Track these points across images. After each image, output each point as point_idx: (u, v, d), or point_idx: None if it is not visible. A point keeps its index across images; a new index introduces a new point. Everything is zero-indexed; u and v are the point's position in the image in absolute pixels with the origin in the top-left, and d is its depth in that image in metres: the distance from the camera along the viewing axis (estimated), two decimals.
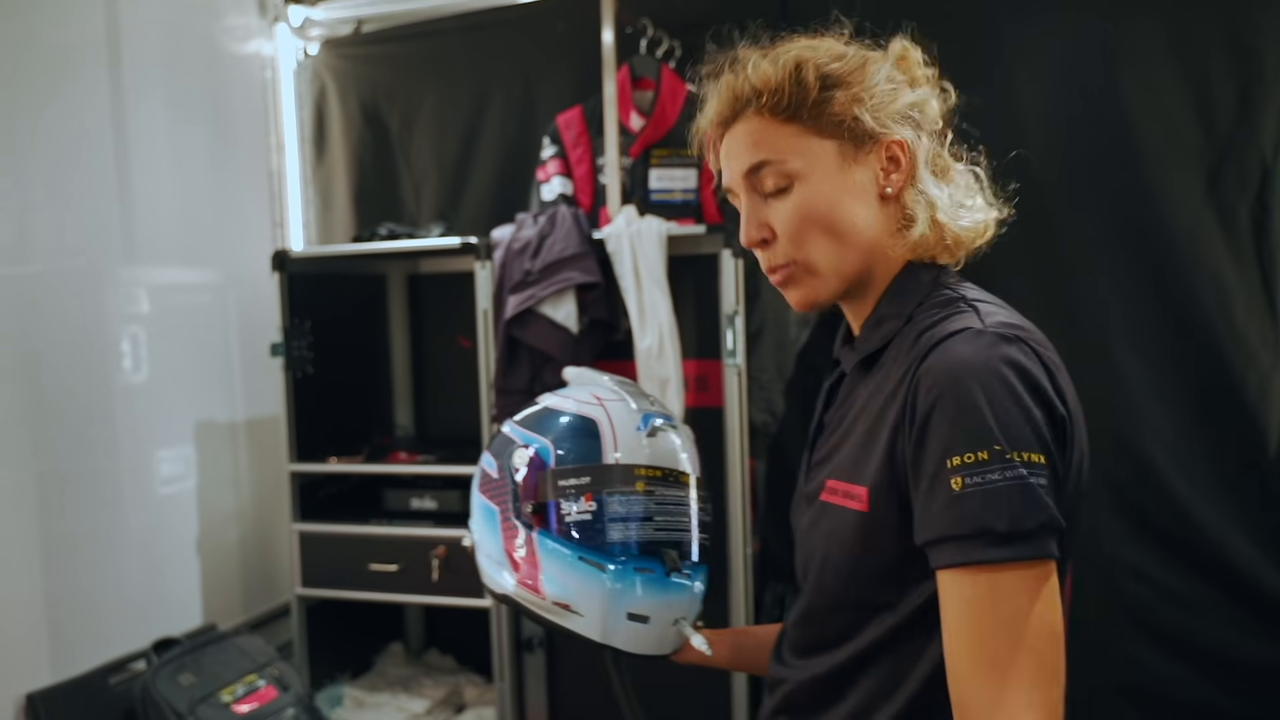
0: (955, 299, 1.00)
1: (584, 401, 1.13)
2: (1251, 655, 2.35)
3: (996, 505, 0.83)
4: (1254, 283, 2.34)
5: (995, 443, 0.84)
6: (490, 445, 1.17)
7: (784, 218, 1.01)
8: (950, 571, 0.86)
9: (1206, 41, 2.34)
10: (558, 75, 2.87)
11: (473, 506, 1.17)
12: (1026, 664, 0.83)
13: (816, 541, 1.02)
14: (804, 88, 1.01)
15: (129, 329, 2.55)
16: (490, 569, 1.14)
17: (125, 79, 2.53)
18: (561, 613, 1.07)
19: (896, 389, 0.94)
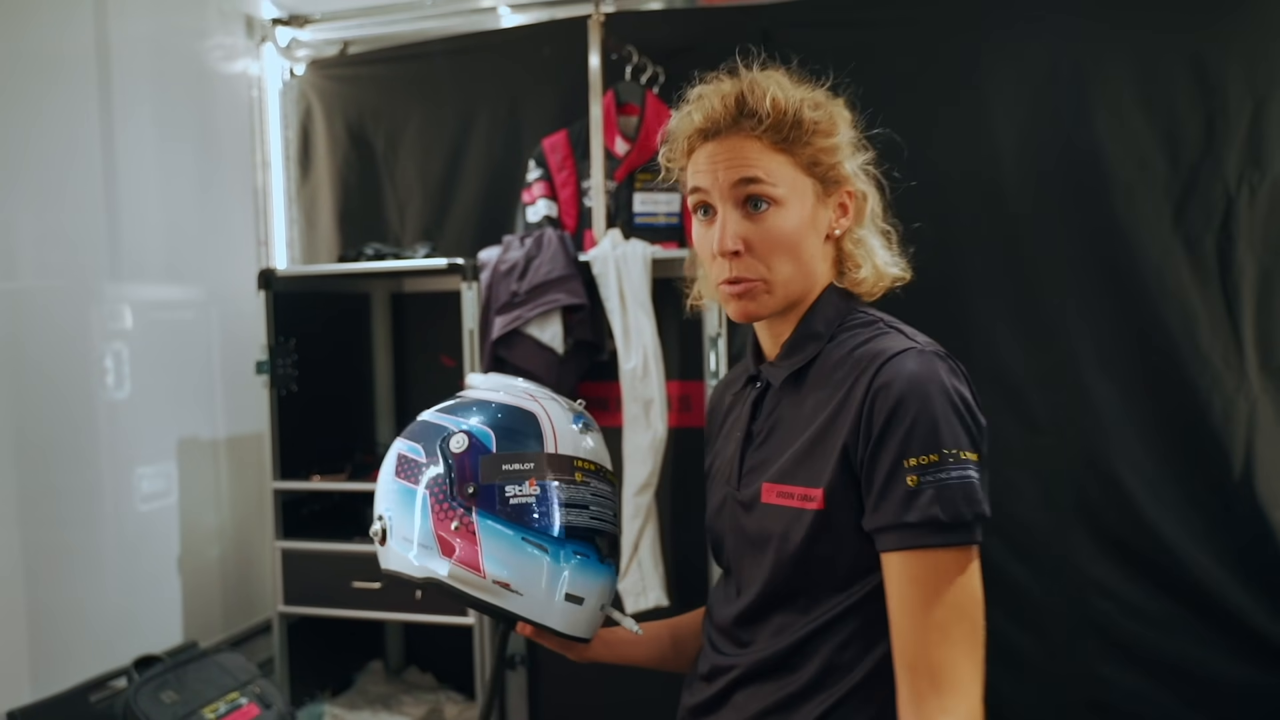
0: (873, 321, 1.15)
1: (518, 396, 1.18)
2: (1217, 672, 2.42)
3: (943, 500, 0.99)
4: (1218, 309, 2.42)
5: (944, 446, 1.00)
6: (407, 432, 1.19)
7: (761, 236, 1.09)
8: (900, 554, 1.01)
9: (1173, 76, 2.42)
10: (543, 99, 2.92)
11: (384, 493, 1.17)
12: (964, 630, 1.01)
13: (758, 541, 1.12)
14: (802, 127, 1.10)
15: (112, 345, 2.55)
16: (407, 552, 1.13)
17: (113, 96, 2.55)
18: (500, 592, 1.10)
19: (846, 400, 1.06)
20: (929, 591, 1.00)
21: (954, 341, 2.66)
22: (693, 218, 1.17)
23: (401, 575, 1.15)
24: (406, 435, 1.19)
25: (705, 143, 1.13)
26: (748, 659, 1.14)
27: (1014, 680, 2.58)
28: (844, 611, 1.08)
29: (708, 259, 1.14)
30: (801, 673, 1.09)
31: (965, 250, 2.58)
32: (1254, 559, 2.40)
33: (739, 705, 1.14)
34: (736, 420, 1.23)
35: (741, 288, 1.11)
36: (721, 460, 1.25)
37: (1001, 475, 2.57)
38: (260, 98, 3.10)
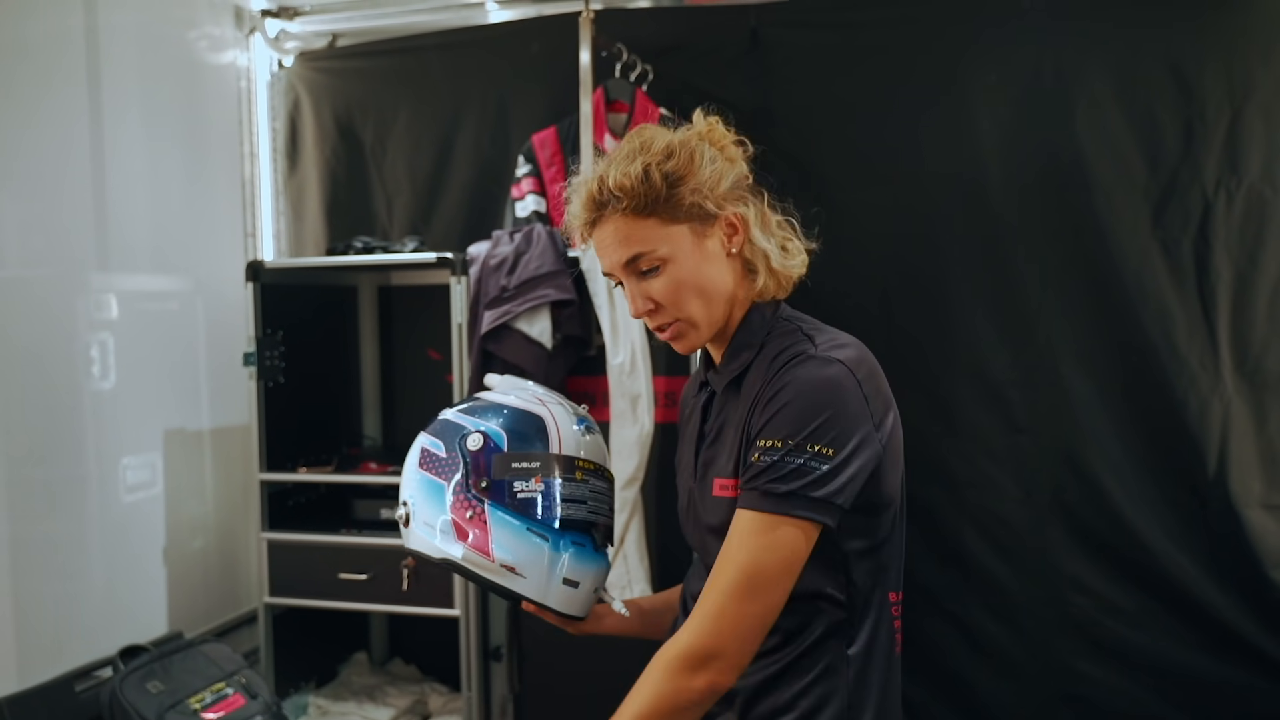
0: (794, 329, 1.27)
1: (528, 400, 1.34)
2: (1190, 667, 2.48)
3: (775, 476, 1.14)
4: (1195, 311, 2.47)
5: (791, 436, 1.14)
6: (431, 428, 1.34)
7: (663, 291, 1.23)
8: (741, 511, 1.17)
9: (1153, 81, 2.47)
10: (531, 95, 2.93)
11: (409, 481, 1.33)
12: (741, 583, 1.14)
13: (719, 530, 1.23)
14: (654, 188, 1.20)
15: (98, 335, 2.55)
16: (429, 535, 1.29)
17: (102, 86, 2.54)
18: (507, 575, 1.27)
19: (756, 398, 1.22)
20: (730, 545, 1.16)
21: (935, 339, 2.74)
22: None
23: (423, 555, 1.31)
24: (431, 431, 1.34)
25: (592, 230, 1.26)
26: None
27: (990, 674, 2.63)
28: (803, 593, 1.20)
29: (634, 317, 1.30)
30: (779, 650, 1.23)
31: (947, 249, 2.62)
32: (1227, 556, 2.45)
33: None
34: (692, 421, 1.37)
35: (670, 332, 1.27)
36: (683, 459, 1.39)
37: (980, 472, 2.62)
38: (248, 89, 3.09)
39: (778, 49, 2.73)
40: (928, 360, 2.64)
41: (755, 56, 2.74)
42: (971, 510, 2.64)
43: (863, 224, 2.61)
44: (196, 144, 2.93)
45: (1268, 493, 2.44)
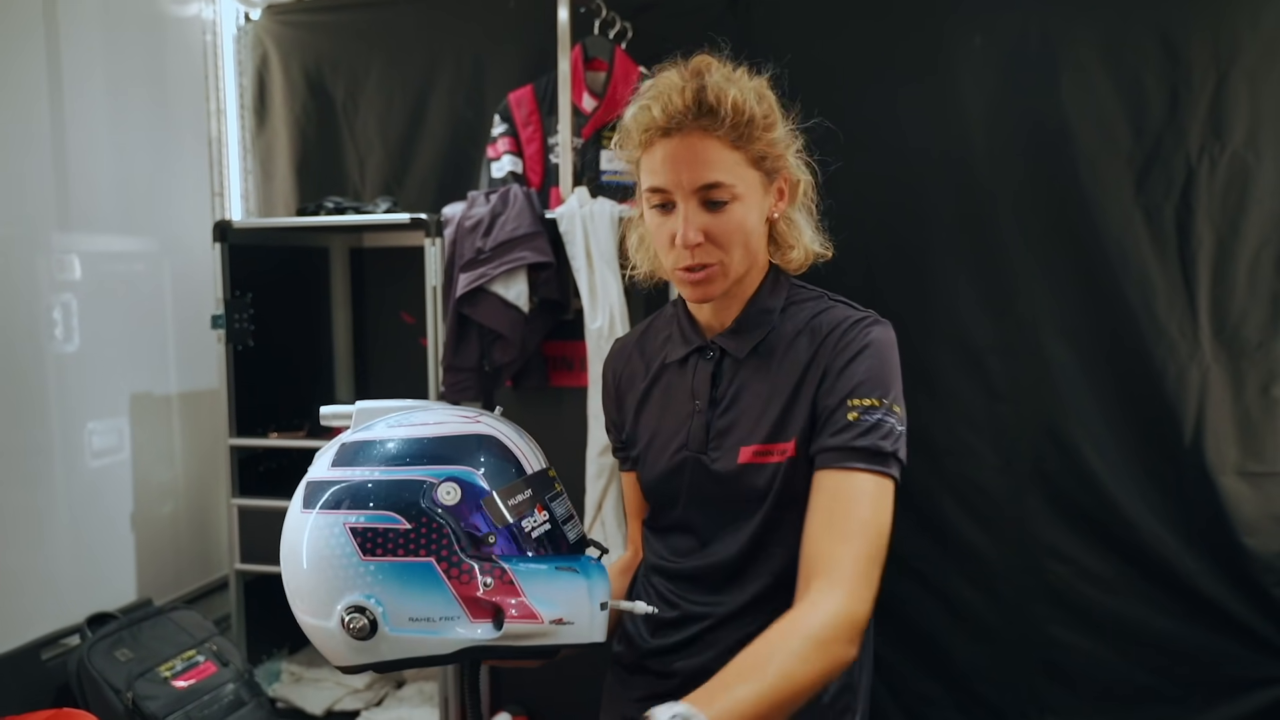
0: (818, 295, 1.28)
1: (458, 420, 1.08)
2: (1165, 633, 2.49)
3: (873, 434, 1.13)
4: (1175, 278, 2.46)
5: (885, 395, 1.16)
6: (333, 505, 1.01)
7: (722, 229, 1.17)
8: (829, 471, 1.14)
9: (1140, 46, 2.44)
10: (508, 53, 2.86)
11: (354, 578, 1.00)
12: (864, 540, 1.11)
13: (738, 499, 1.21)
14: (754, 125, 1.16)
15: (61, 297, 2.48)
16: (429, 632, 1.00)
17: (60, 39, 2.45)
18: (556, 630, 1.03)
19: (814, 359, 1.19)
20: (843, 504, 1.12)
21: (916, 307, 2.72)
22: (647, 207, 1.20)
23: (417, 660, 1.02)
24: (354, 505, 1.01)
25: (664, 139, 1.15)
26: (731, 603, 1.23)
27: (968, 641, 2.64)
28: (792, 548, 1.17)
29: (664, 246, 1.20)
30: (779, 606, 1.14)
31: (930, 216, 2.60)
32: (1202, 523, 2.46)
33: (714, 641, 1.24)
34: (679, 389, 1.29)
35: (705, 273, 1.18)
36: (665, 427, 1.29)
37: (960, 440, 2.62)
38: (214, 43, 3.00)
39: (760, 8, 2.68)
40: (908, 328, 2.55)
41: (737, 15, 2.69)
42: (950, 478, 2.63)
43: (845, 191, 2.55)
44: (161, 100, 2.85)
45: (1243, 459, 2.45)
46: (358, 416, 1.11)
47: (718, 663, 1.17)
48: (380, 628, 1.00)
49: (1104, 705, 2.56)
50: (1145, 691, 2.52)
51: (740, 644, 1.16)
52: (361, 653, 1.02)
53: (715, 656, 1.21)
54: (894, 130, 2.61)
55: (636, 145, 1.19)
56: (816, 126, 1.30)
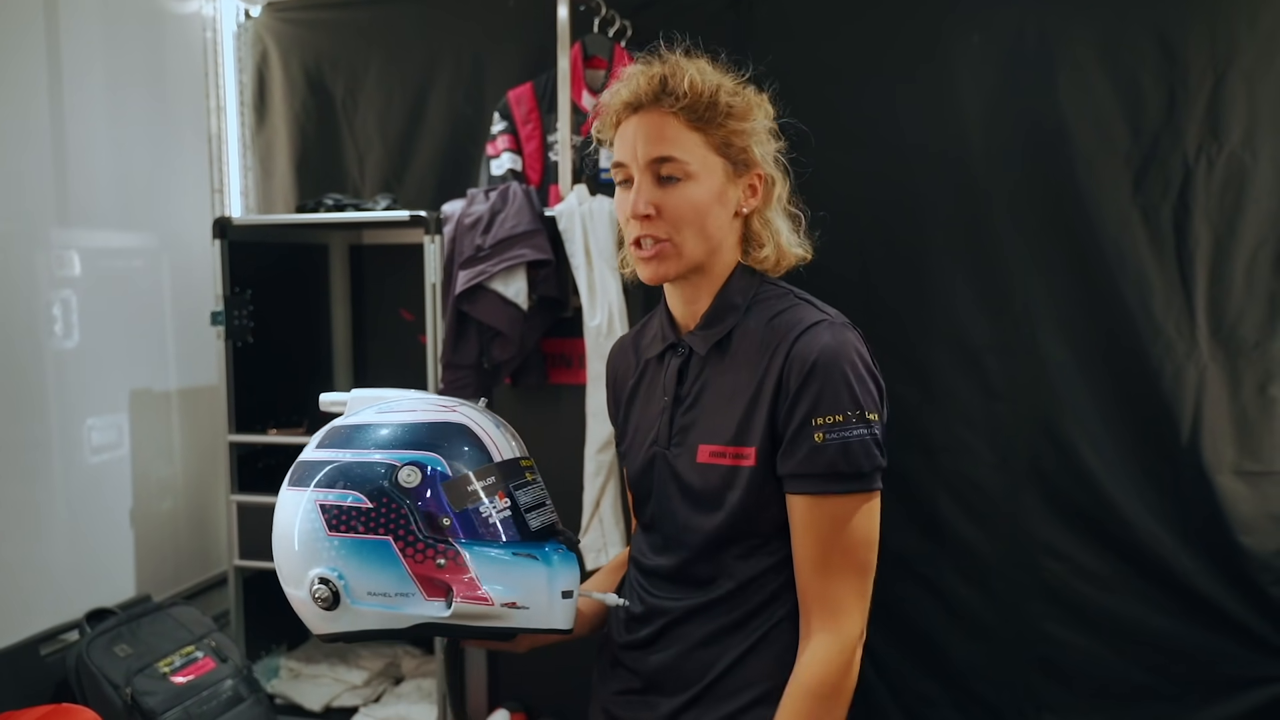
0: (784, 293, 1.27)
1: (434, 408, 1.14)
2: (1162, 631, 2.50)
3: (846, 454, 1.13)
4: (1173, 278, 2.47)
5: (848, 409, 1.14)
6: (313, 483, 1.10)
7: (673, 204, 1.19)
8: (804, 498, 1.16)
9: (1137, 46, 2.44)
10: (507, 51, 2.86)
11: (319, 552, 1.08)
12: (852, 566, 1.16)
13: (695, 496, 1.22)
14: (716, 109, 1.19)
15: (60, 293, 2.48)
16: (385, 606, 1.07)
17: (60, 35, 2.45)
18: (509, 613, 1.08)
19: (769, 367, 1.18)
20: (825, 533, 1.15)
21: (913, 306, 2.73)
22: (616, 186, 1.24)
23: (376, 632, 1.09)
24: (314, 484, 1.10)
25: (630, 115, 1.21)
26: (689, 601, 1.24)
27: (964, 638, 2.65)
28: (784, 557, 1.20)
29: (623, 222, 1.23)
30: (739, 609, 1.21)
31: (927, 215, 2.60)
32: (1199, 522, 2.47)
33: (677, 638, 1.25)
34: (656, 385, 1.31)
35: (656, 249, 1.20)
36: (644, 421, 1.32)
37: (957, 438, 2.63)
38: (214, 39, 3.00)
39: (760, 5, 2.68)
40: (905, 326, 2.62)
41: (737, 13, 2.70)
42: (947, 476, 2.64)
43: (843, 190, 2.58)
44: (161, 96, 2.85)
45: (1239, 459, 2.45)
46: (351, 404, 1.17)
47: (682, 660, 1.23)
48: (342, 599, 1.07)
49: (1100, 703, 2.57)
50: (1141, 689, 2.53)
51: (702, 642, 1.22)
52: (328, 622, 1.10)
53: (679, 654, 1.24)
54: (892, 128, 2.62)
55: (610, 125, 1.24)
56: (815, 126, 1.32)
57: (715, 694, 1.22)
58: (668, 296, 1.31)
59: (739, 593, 1.22)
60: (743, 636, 1.22)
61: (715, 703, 1.22)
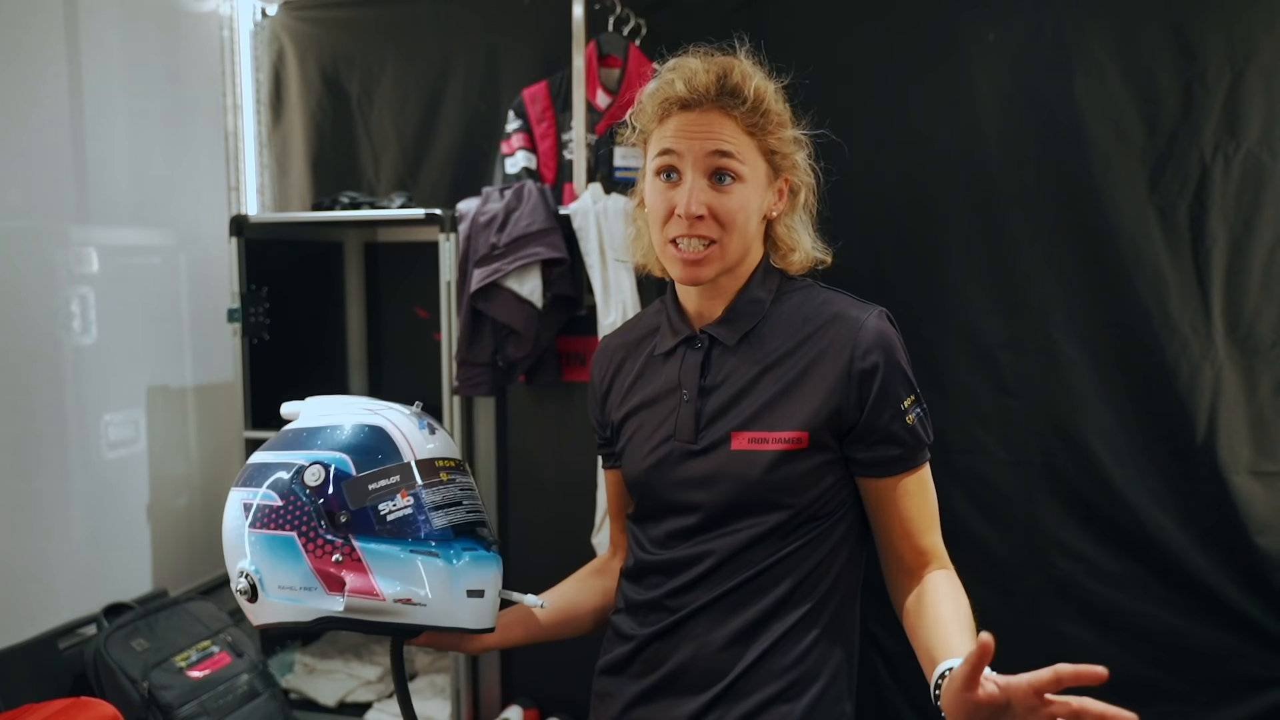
0: (809, 285, 1.31)
1: (358, 413, 1.18)
2: (1175, 630, 2.49)
3: (924, 426, 1.24)
4: (1189, 276, 2.45)
5: (915, 388, 1.23)
6: (245, 483, 1.16)
7: (725, 206, 1.19)
8: (908, 475, 1.24)
9: (1155, 43, 2.43)
10: (522, 49, 2.87)
11: (241, 548, 1.14)
12: (937, 519, 1.29)
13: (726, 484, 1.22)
14: (769, 117, 1.21)
15: (78, 290, 2.50)
16: (291, 599, 1.11)
17: (80, 34, 2.47)
18: (402, 609, 1.11)
19: (819, 356, 1.22)
20: (923, 496, 1.25)
21: (928, 303, 2.72)
22: (652, 178, 1.23)
23: (286, 625, 1.13)
24: (246, 484, 1.15)
25: (682, 111, 1.20)
26: (708, 595, 1.24)
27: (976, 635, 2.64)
28: (808, 541, 1.23)
29: (661, 218, 1.22)
30: (765, 599, 1.22)
31: (941, 212, 2.60)
32: (1213, 522, 2.46)
33: (697, 633, 1.24)
34: (664, 381, 1.30)
35: (703, 253, 1.21)
36: (651, 418, 1.31)
37: (970, 436, 2.62)
38: (231, 38, 3.02)
39: (774, 4, 2.68)
40: (920, 324, 2.62)
41: (752, 11, 2.70)
42: (960, 474, 2.63)
43: (857, 187, 2.58)
44: (178, 95, 2.87)
45: (1256, 459, 2.44)
46: (304, 411, 1.21)
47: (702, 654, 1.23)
48: (259, 592, 1.13)
49: (1113, 702, 2.50)
50: (1154, 688, 2.51)
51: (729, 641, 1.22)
52: (253, 614, 1.15)
53: (698, 648, 1.23)
54: (906, 126, 2.61)
55: (652, 117, 1.23)
56: (829, 130, 1.33)
57: (738, 690, 1.22)
58: (681, 292, 1.31)
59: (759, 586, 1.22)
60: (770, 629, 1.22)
61: (738, 699, 1.22)
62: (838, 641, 1.27)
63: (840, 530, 1.26)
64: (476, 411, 2.66)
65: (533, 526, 2.64)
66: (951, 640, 1.14)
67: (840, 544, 1.26)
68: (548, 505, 2.62)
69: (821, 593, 1.24)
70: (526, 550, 2.62)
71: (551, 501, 2.62)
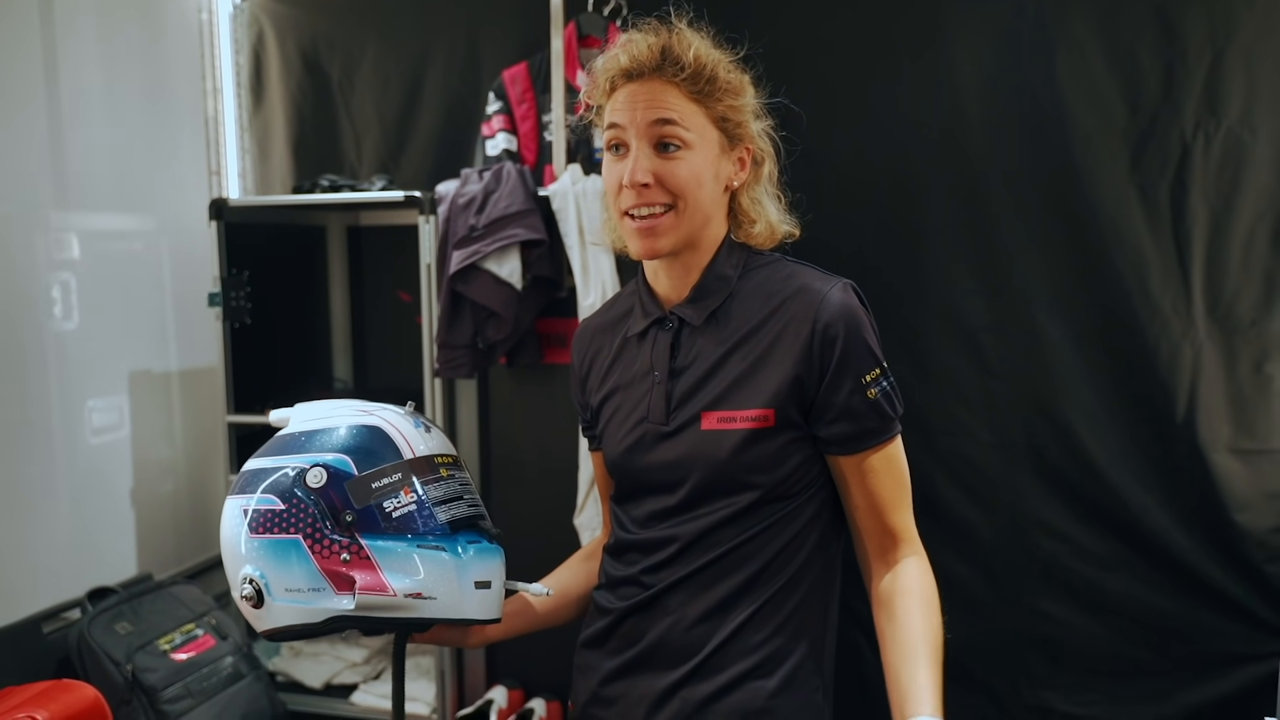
0: (776, 260, 1.31)
1: (353, 414, 1.20)
2: (1157, 608, 2.50)
3: (889, 400, 1.23)
4: (1169, 255, 2.45)
5: (881, 362, 1.23)
6: (242, 489, 1.17)
7: (671, 173, 1.20)
8: (873, 451, 1.23)
9: (1136, 21, 2.42)
10: (503, 30, 2.85)
11: (244, 554, 1.15)
12: (908, 496, 1.29)
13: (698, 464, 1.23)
14: (715, 83, 1.22)
15: (60, 275, 2.50)
16: (301, 601, 1.13)
17: (56, 17, 2.45)
18: (413, 604, 1.12)
19: (784, 332, 1.21)
20: (892, 475, 1.25)
21: (910, 284, 2.72)
22: (605, 154, 1.25)
23: (295, 627, 1.14)
24: (243, 490, 1.17)
25: (627, 83, 1.22)
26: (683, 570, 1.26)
27: (959, 616, 2.65)
28: (777, 521, 1.24)
29: (614, 191, 1.23)
30: (736, 576, 1.24)
31: (924, 194, 2.59)
32: (1194, 500, 2.46)
33: (672, 608, 1.27)
34: (638, 362, 1.31)
35: (650, 221, 1.21)
36: (627, 400, 1.32)
37: (953, 417, 2.62)
38: (210, 21, 3.00)
39: None
40: (902, 305, 2.62)
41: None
42: (944, 455, 2.64)
43: (840, 167, 2.58)
44: (157, 79, 2.85)
45: (1235, 437, 2.45)
46: (294, 418, 1.24)
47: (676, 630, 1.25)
48: (265, 597, 1.14)
49: (1095, 680, 2.57)
50: (1137, 666, 2.53)
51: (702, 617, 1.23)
52: (259, 620, 1.16)
53: (672, 626, 1.26)
54: (890, 106, 2.60)
55: (604, 91, 1.25)
56: (812, 103, 1.34)
57: (711, 665, 1.24)
58: (650, 273, 1.32)
59: (732, 563, 1.24)
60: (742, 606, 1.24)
61: (711, 674, 1.24)
62: (812, 619, 1.28)
63: (811, 509, 1.26)
64: (459, 395, 2.66)
65: (516, 509, 2.64)
66: (917, 677, 1.20)
67: (811, 523, 1.27)
68: (530, 487, 2.63)
69: (793, 571, 1.25)
70: (510, 534, 2.60)
71: (534, 484, 2.62)
